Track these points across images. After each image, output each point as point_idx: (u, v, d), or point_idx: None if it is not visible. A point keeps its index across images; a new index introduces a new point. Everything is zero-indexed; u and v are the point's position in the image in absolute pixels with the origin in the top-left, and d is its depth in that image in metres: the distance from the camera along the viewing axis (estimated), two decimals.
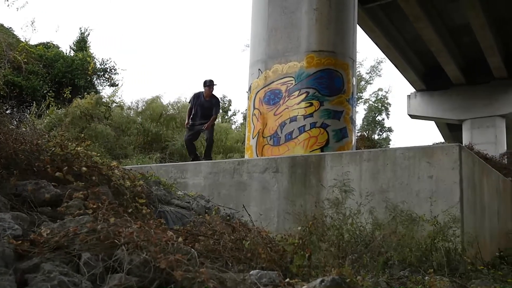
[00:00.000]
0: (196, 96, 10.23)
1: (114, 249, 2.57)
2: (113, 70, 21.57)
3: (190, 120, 10.28)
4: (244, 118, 25.00)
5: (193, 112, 10.25)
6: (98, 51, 60.27)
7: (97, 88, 21.03)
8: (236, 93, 69.66)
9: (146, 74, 67.04)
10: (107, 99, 17.67)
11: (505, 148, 22.69)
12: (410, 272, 4.33)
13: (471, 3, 17.18)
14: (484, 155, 15.42)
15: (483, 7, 17.90)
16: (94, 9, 67.55)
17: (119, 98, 19.35)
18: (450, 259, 4.67)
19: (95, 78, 21.12)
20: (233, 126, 23.78)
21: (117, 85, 21.46)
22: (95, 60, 21.00)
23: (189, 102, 10.42)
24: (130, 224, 2.91)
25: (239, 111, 30.25)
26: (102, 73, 21.33)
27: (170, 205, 4.58)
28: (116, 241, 2.60)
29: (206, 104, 10.05)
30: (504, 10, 19.26)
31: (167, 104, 18.25)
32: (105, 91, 25.57)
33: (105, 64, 21.48)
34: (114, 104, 17.66)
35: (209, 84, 9.99)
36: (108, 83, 21.56)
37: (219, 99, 10.13)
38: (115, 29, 78.06)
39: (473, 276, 4.59)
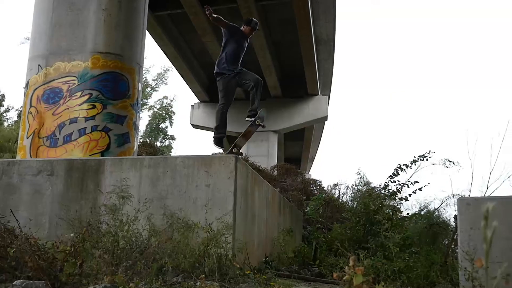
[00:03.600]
0: (239, 30, 7.74)
1: None
2: None
3: (228, 64, 7.49)
4: (19, 115, 23.16)
5: (232, 50, 7.61)
6: None
7: None
8: (11, 88, 64.21)
9: None
10: None
11: (276, 161, 24.61)
12: (183, 278, 4.42)
13: None
14: (257, 167, 16.53)
15: (264, 30, 19.29)
16: None
17: None
18: (221, 264, 4.88)
19: None
20: (6, 124, 21.84)
21: None
22: None
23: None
24: None
25: (13, 107, 27.89)
26: None
27: None
28: None
29: (245, 47, 7.74)
30: (281, 35, 21.02)
31: None
32: None
33: None
34: None
35: (254, 26, 7.87)
36: None
37: None
38: None
39: (241, 280, 4.86)
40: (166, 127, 42.43)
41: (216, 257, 4.81)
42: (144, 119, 41.57)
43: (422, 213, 9.84)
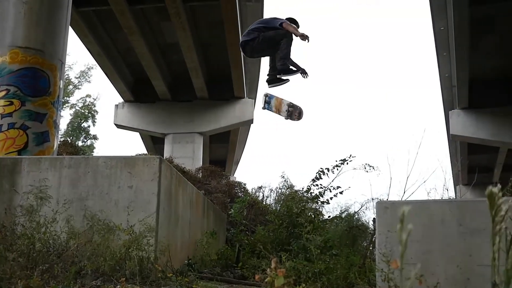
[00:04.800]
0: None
1: None
2: None
3: None
4: None
5: None
6: None
7: None
8: None
9: None
10: None
11: (201, 163, 24.51)
12: (102, 281, 4.32)
13: (182, 25, 18.26)
14: (182, 169, 16.38)
15: (192, 31, 19.21)
16: None
17: None
18: (142, 267, 4.81)
19: None
20: None
21: None
22: None
23: None
24: None
25: None
26: None
27: None
28: None
29: None
30: (209, 38, 21.01)
31: None
32: None
33: None
34: None
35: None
36: None
37: None
38: None
39: (162, 283, 4.80)
40: (89, 126, 41.27)
41: (137, 259, 4.74)
42: (65, 117, 40.28)
43: (343, 216, 10.12)
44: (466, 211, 5.13)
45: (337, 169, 9.26)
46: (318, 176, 9.30)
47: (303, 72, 8.08)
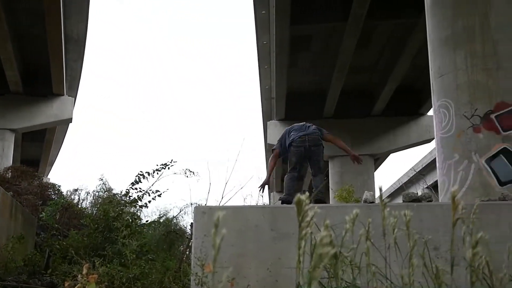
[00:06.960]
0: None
1: None
2: None
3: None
4: None
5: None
6: None
7: None
8: None
9: None
10: None
11: (11, 162, 22.74)
12: None
13: None
14: None
15: (8, 19, 17.80)
16: None
17: None
18: None
19: None
20: None
21: None
22: None
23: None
24: None
25: None
26: None
27: None
28: None
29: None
30: (27, 28, 19.65)
31: None
32: None
33: None
34: None
35: None
36: None
37: None
38: None
39: None
40: None
41: None
42: None
43: (161, 220, 10.11)
44: (278, 217, 5.43)
45: (158, 173, 9.23)
46: (137, 179, 9.17)
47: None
